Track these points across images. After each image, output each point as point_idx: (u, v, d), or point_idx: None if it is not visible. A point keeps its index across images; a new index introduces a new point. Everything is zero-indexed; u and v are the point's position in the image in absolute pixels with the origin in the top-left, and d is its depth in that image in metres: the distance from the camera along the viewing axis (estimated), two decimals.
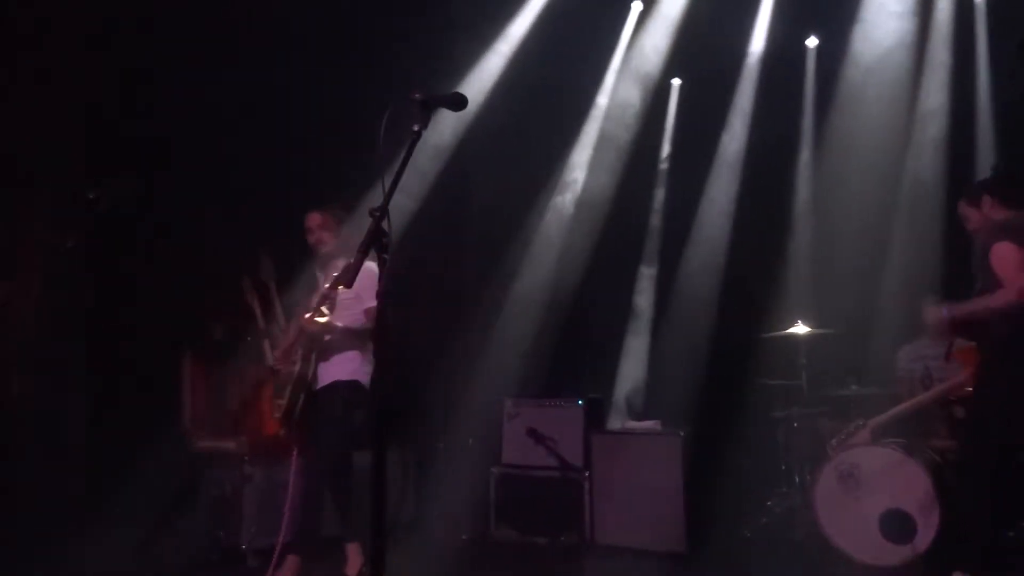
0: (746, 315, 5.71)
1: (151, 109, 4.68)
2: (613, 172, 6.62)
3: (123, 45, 4.56)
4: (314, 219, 4.08)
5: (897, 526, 4.03)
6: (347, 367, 3.96)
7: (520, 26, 6.20)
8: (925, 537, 3.94)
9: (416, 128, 2.15)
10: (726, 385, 5.74)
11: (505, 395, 5.40)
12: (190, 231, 4.95)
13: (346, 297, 3.86)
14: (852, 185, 5.79)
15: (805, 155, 6.41)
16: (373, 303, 3.67)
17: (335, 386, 3.95)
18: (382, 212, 2.03)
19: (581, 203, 6.64)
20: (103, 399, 4.43)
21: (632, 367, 6.58)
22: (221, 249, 4.78)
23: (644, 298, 6.79)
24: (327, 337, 3.91)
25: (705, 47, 6.33)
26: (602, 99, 6.75)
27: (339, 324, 3.90)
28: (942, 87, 5.85)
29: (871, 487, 4.16)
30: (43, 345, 4.26)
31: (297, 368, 3.95)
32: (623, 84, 6.64)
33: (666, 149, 6.98)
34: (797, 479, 4.79)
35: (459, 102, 2.29)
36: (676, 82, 6.93)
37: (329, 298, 3.84)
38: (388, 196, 2.07)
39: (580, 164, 6.75)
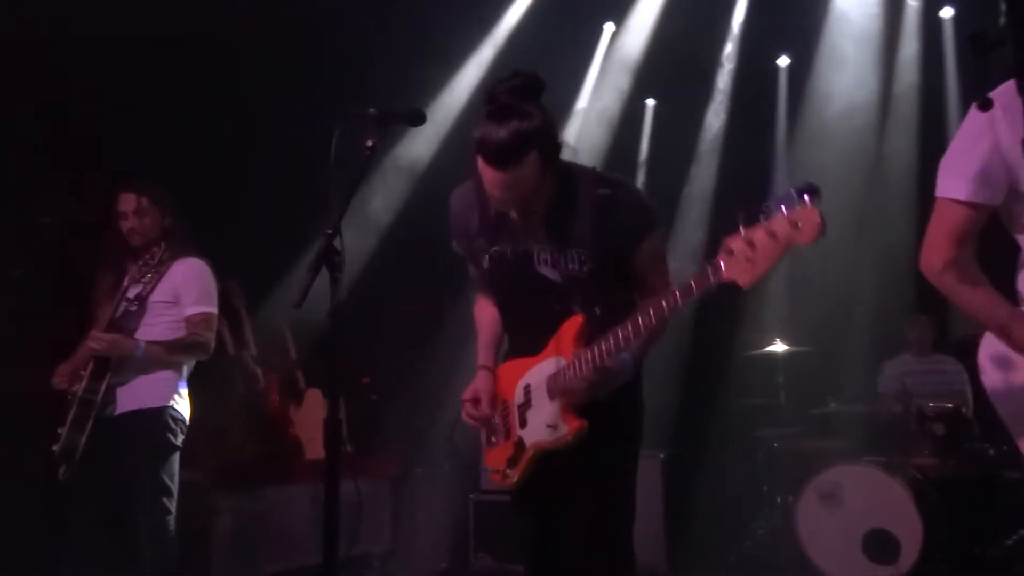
0: (723, 334, 5.66)
1: (113, 137, 4.59)
2: None
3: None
4: (128, 201, 3.17)
5: (880, 546, 3.96)
6: (155, 390, 3.11)
7: (490, 48, 6.20)
8: (908, 557, 3.88)
9: (370, 144, 2.08)
10: (705, 406, 5.67)
11: None
12: None
13: (159, 301, 3.12)
14: (825, 202, 5.78)
15: (779, 173, 6.43)
16: (198, 309, 3.16)
17: (140, 416, 3.07)
18: (334, 230, 1.95)
19: None
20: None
21: None
22: None
23: None
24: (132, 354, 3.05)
25: (676, 67, 6.33)
26: (574, 125, 6.70)
27: (142, 341, 3.07)
28: (911, 107, 5.92)
29: (853, 507, 4.09)
30: None
31: (81, 391, 3.03)
32: (596, 108, 6.61)
33: (641, 167, 6.97)
34: (779, 500, 4.71)
35: (417, 117, 2.22)
36: (651, 102, 6.93)
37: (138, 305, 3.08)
38: (341, 213, 1.99)
39: None
